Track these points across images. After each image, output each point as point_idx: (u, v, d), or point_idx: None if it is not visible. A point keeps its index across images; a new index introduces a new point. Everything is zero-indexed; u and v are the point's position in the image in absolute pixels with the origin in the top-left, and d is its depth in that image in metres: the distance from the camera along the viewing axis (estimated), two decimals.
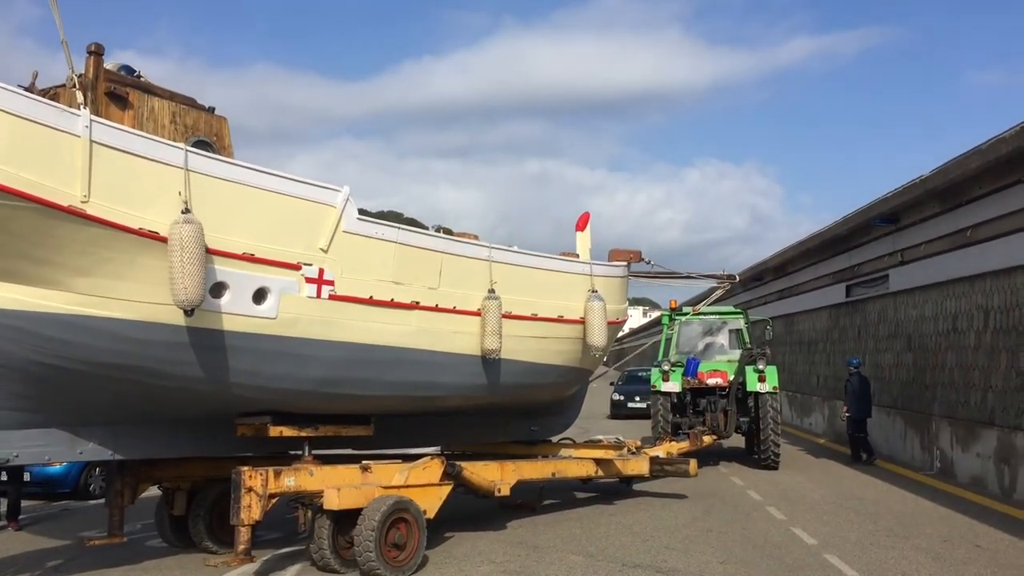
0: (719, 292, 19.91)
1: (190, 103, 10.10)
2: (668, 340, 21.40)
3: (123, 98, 9.25)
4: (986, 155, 15.22)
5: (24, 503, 13.93)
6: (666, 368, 19.95)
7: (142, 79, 9.66)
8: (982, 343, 16.25)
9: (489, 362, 12.17)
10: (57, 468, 15.38)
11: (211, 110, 10.32)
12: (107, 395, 9.37)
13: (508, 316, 12.17)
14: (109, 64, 9.44)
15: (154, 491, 11.96)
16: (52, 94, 9.09)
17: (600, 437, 17.95)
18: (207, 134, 10.00)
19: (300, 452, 11.22)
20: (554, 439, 16.09)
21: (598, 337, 13.63)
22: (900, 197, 19.30)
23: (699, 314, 21.69)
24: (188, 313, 8.78)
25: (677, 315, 21.63)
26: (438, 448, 14.25)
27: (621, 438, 17.64)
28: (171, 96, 9.92)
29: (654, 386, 20.06)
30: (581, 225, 15.23)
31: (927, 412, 18.66)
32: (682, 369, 20.07)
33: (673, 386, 19.81)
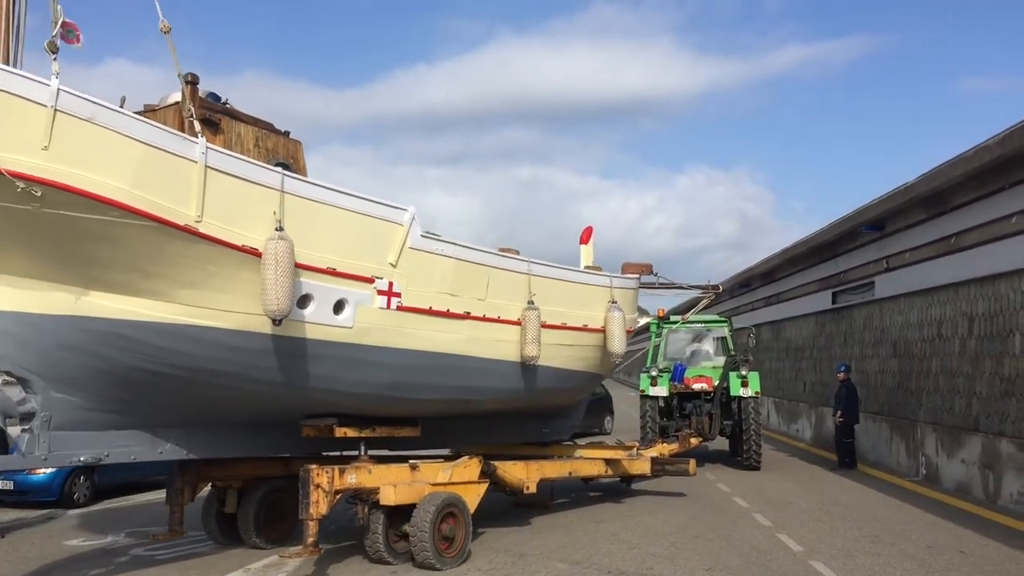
0: (705, 302, 20.55)
1: (269, 127, 10.87)
2: (656, 347, 22.30)
3: (216, 123, 9.86)
4: (970, 163, 15.32)
5: (8, 511, 13.86)
6: (654, 374, 20.84)
7: (228, 105, 10.24)
8: (967, 350, 16.33)
9: (527, 368, 13.09)
10: (42, 476, 15.33)
11: (286, 134, 11.09)
12: (193, 399, 9.95)
13: (543, 325, 13.05)
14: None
15: (133, 500, 11.94)
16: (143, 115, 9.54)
17: (601, 440, 18.65)
18: (285, 156, 10.74)
19: (338, 453, 12.28)
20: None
21: (618, 345, 14.63)
22: (886, 204, 19.40)
23: (687, 322, 22.38)
24: (276, 323, 9.40)
25: (665, 323, 22.28)
26: (447, 451, 14.60)
27: (622, 440, 18.45)
28: (254, 121, 10.65)
29: (643, 391, 20.90)
30: (585, 238, 15.95)
31: (912, 418, 18.74)
32: (669, 375, 20.99)
33: (661, 391, 20.65)
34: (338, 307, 10.24)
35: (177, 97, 9.90)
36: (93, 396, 9.31)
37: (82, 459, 9.51)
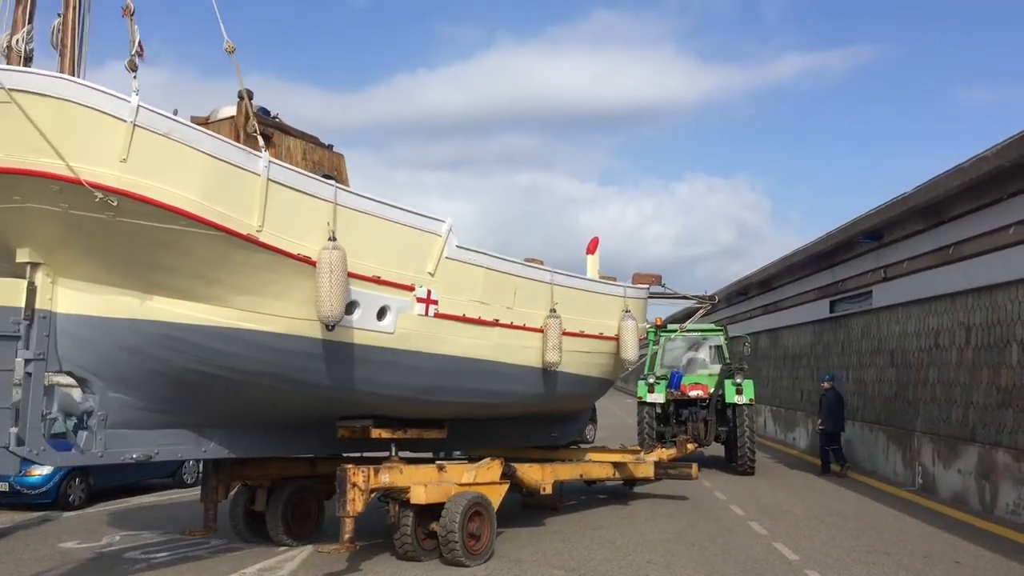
0: (701, 311, 21.23)
1: (315, 141, 11.24)
2: (654, 355, 22.58)
3: (268, 137, 10.13)
4: (968, 173, 15.35)
5: (4, 513, 13.84)
6: (651, 381, 21.44)
7: (278, 119, 10.61)
8: (964, 360, 16.35)
9: (548, 373, 13.63)
10: (37, 478, 15.32)
11: (330, 147, 11.48)
12: (239, 399, 10.35)
13: (563, 333, 13.58)
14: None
15: (128, 502, 11.92)
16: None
17: (603, 445, 18.93)
18: (329, 168, 11.08)
19: (358, 454, 12.74)
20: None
21: (631, 352, 15.34)
22: (884, 214, 19.44)
23: (684, 331, 22.86)
24: (329, 328, 9.84)
25: (662, 331, 22.44)
26: (458, 452, 14.93)
27: (625, 444, 19.32)
28: (301, 135, 10.99)
29: (640, 397, 21.46)
30: (592, 248, 16.52)
31: (909, 428, 18.75)
32: (666, 382, 21.62)
33: (658, 397, 21.29)
34: (381, 313, 10.72)
35: (229, 112, 10.31)
36: (146, 396, 9.68)
37: (134, 456, 9.87)
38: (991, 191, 15.08)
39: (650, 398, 21.28)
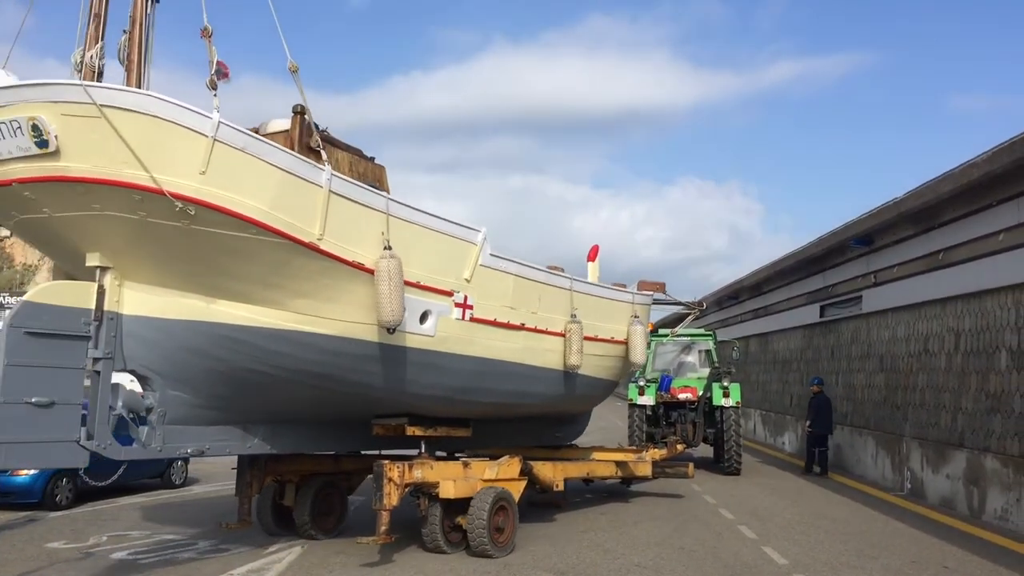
0: (691, 317, 22.23)
1: (359, 153, 11.70)
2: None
3: (319, 151, 10.58)
4: (958, 179, 15.40)
5: None
6: (642, 384, 22.01)
7: (327, 133, 11.00)
8: (953, 365, 16.40)
9: (568, 375, 14.48)
10: (24, 478, 15.25)
11: (372, 159, 11.93)
12: (287, 397, 10.92)
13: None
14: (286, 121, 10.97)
15: (116, 502, 11.85)
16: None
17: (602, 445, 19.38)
18: (372, 179, 11.48)
19: (377, 452, 13.36)
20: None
21: (640, 356, 16.42)
22: (874, 219, 19.49)
23: (675, 335, 23.74)
24: (390, 331, 10.56)
25: (654, 336, 22.86)
26: (465, 453, 15.10)
27: (622, 444, 20.01)
28: (347, 148, 11.42)
29: (631, 399, 22.10)
30: (592, 256, 17.08)
31: (898, 433, 18.80)
32: (656, 385, 22.23)
33: (648, 400, 22.06)
34: (423, 317, 11.36)
35: (282, 125, 10.81)
36: (202, 394, 10.21)
37: (189, 451, 10.43)
38: (981, 197, 15.13)
39: (641, 400, 21.96)
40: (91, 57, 9.50)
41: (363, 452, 13.80)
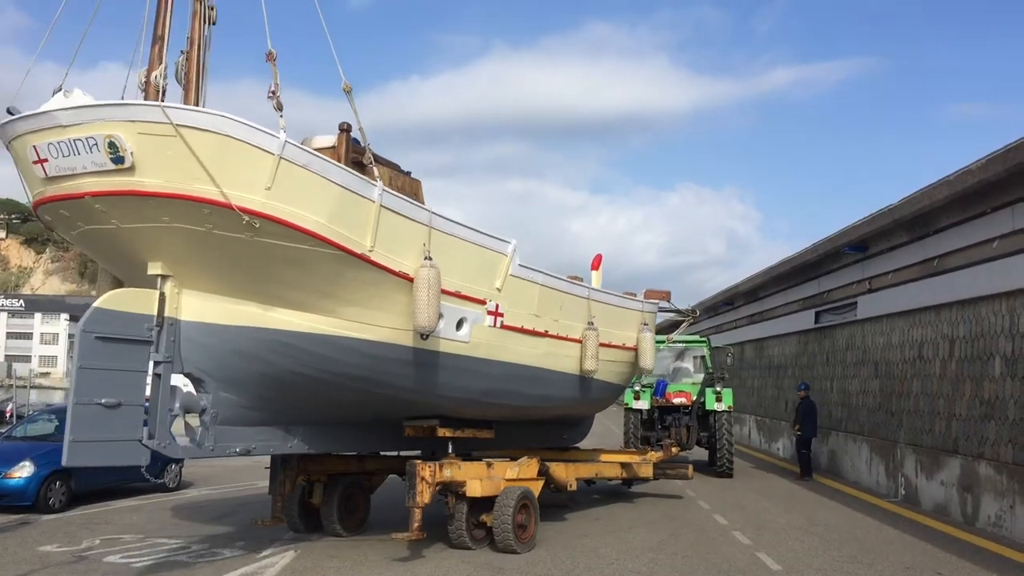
0: (685, 324, 22.54)
1: (397, 168, 12.08)
2: None
3: (365, 166, 11.05)
4: (953, 186, 15.43)
5: None
6: (637, 388, 22.36)
7: (366, 148, 11.33)
8: (947, 372, 16.42)
9: (584, 380, 15.15)
10: (18, 481, 15.25)
11: (408, 174, 12.34)
12: (328, 400, 11.46)
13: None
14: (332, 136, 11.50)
15: (109, 505, 11.82)
16: None
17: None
18: (409, 193, 11.76)
19: (396, 453, 14.19)
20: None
21: (648, 361, 17.14)
22: (869, 225, 19.52)
23: (671, 342, 24.00)
24: (424, 337, 11.12)
25: None
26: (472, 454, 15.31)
27: (623, 447, 20.83)
28: (386, 163, 11.75)
29: (627, 404, 22.60)
30: (596, 265, 17.67)
31: (892, 439, 18.81)
32: (651, 390, 22.78)
33: (643, 404, 22.63)
34: (459, 324, 11.97)
35: (327, 141, 11.32)
36: (250, 396, 10.74)
37: (237, 450, 10.93)
38: (976, 204, 15.16)
39: (636, 405, 22.50)
40: (155, 77, 10.04)
41: (381, 453, 14.41)
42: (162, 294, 9.89)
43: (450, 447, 13.23)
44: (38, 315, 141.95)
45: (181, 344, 10.03)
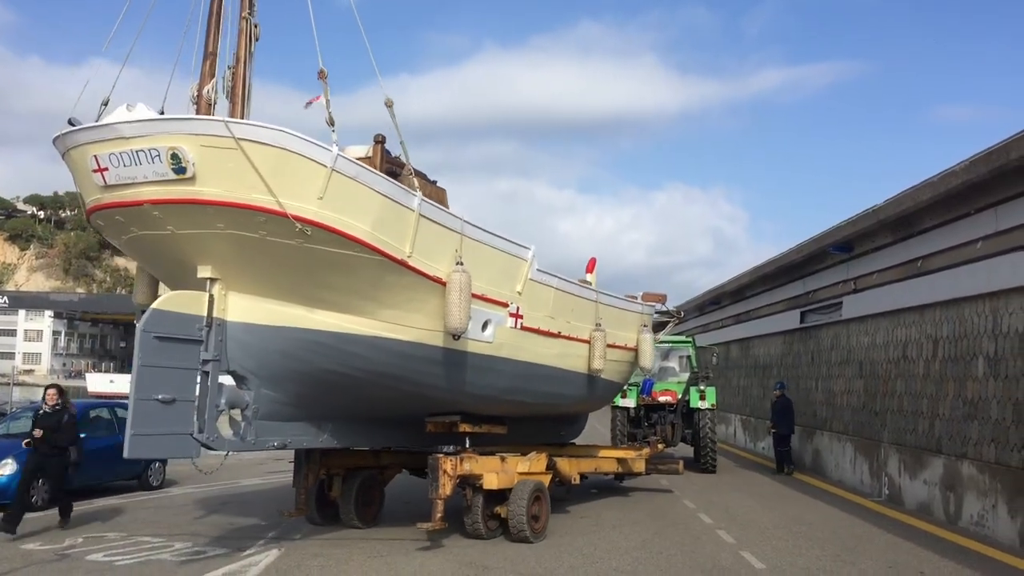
0: (671, 325, 22.68)
1: (424, 177, 12.48)
2: None
3: (396, 175, 11.55)
4: (937, 187, 15.51)
5: None
6: (624, 387, 21.66)
7: (397, 158, 11.96)
8: (931, 372, 16.51)
9: (591, 378, 15.87)
10: (1, 478, 15.09)
11: (434, 182, 12.86)
12: (358, 397, 11.98)
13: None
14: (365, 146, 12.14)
15: (92, 504, 11.76)
16: None
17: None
18: (436, 201, 12.14)
19: (406, 450, 14.56)
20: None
21: (648, 361, 18.13)
22: (854, 226, 19.60)
23: (659, 342, 23.69)
24: (456, 337, 11.76)
25: None
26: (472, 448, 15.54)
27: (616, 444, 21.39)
28: (417, 173, 12.09)
29: (613, 402, 22.58)
30: (590, 268, 17.94)
31: (876, 439, 18.90)
32: (638, 388, 23.20)
33: (629, 402, 23.19)
34: (484, 326, 12.65)
35: (358, 151, 11.80)
36: (287, 393, 11.26)
37: (275, 444, 11.51)
38: (960, 205, 15.23)
39: (622, 403, 22.91)
40: (207, 91, 10.77)
41: (394, 448, 14.74)
42: (211, 296, 10.39)
43: (467, 442, 13.52)
44: (22, 312, 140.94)
45: (227, 343, 10.55)
